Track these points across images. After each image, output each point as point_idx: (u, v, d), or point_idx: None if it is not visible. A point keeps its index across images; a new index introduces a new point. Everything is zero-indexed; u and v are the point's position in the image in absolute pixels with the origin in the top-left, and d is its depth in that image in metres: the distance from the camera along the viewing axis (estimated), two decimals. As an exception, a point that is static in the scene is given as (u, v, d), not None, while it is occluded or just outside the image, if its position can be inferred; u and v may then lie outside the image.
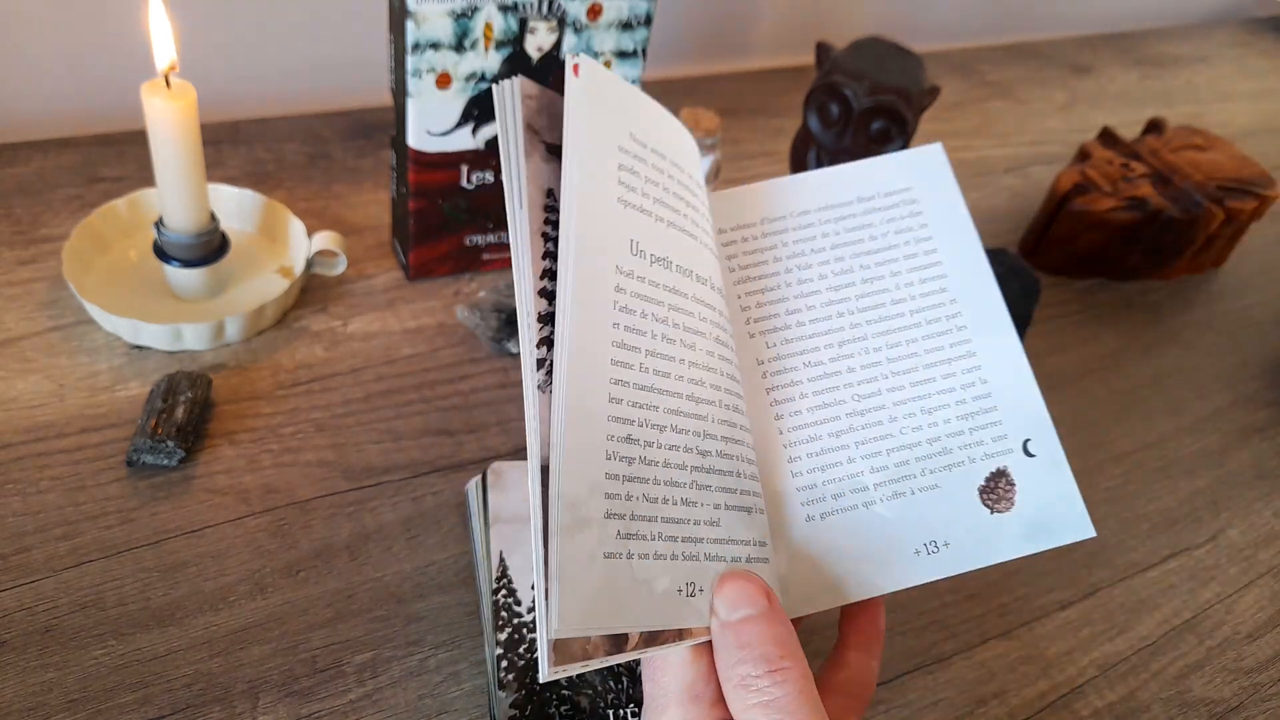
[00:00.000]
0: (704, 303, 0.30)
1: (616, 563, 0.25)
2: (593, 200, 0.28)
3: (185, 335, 0.50)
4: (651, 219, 0.29)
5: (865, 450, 0.32)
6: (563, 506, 0.25)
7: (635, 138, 0.30)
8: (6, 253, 0.54)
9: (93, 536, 0.42)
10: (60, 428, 0.46)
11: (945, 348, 0.33)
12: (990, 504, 0.32)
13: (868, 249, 0.35)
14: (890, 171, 0.36)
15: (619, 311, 0.27)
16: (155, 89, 0.45)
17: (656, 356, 0.28)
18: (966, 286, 0.34)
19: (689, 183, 0.32)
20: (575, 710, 0.37)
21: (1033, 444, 0.32)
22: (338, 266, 0.57)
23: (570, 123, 0.28)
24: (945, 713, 0.43)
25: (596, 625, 0.24)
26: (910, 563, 0.31)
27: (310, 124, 0.70)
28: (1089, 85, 1.01)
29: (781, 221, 0.35)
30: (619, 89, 0.30)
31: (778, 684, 0.25)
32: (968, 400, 0.33)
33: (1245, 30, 1.24)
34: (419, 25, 0.47)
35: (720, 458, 0.29)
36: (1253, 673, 0.47)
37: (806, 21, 0.95)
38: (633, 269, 0.28)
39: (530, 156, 0.28)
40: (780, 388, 0.33)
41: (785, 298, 0.34)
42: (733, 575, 0.27)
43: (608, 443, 0.26)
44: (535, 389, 0.26)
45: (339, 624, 0.41)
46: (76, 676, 0.37)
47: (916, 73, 0.60)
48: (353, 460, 0.47)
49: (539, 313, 0.27)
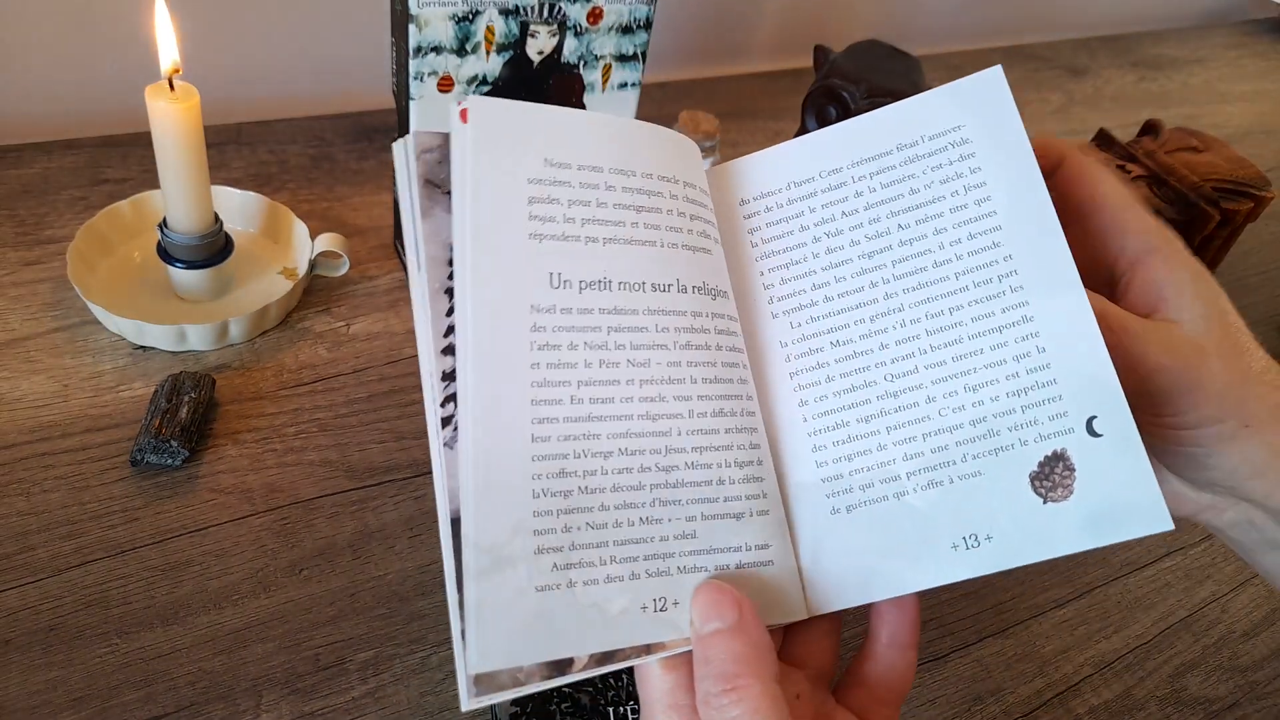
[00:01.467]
0: (664, 311, 0.29)
1: (553, 593, 0.26)
2: (493, 244, 0.28)
3: (189, 336, 0.50)
4: (581, 243, 0.29)
5: (898, 436, 0.30)
6: (477, 552, 0.26)
7: (552, 162, 0.29)
8: (11, 254, 0.55)
9: (97, 536, 0.42)
10: (65, 427, 0.46)
11: (996, 314, 0.29)
12: (1044, 492, 0.28)
13: (907, 205, 0.31)
14: (938, 109, 0.31)
15: (538, 350, 0.27)
16: (159, 91, 0.46)
17: (594, 385, 0.28)
18: (1025, 239, 0.29)
19: (646, 185, 0.30)
20: (576, 707, 0.37)
21: (1099, 422, 0.28)
22: (341, 268, 0.57)
23: (458, 172, 0.28)
24: (942, 710, 0.43)
25: (525, 657, 0.25)
26: (946, 558, 0.28)
27: (313, 126, 0.70)
28: (1085, 87, 1.01)
29: (810, 184, 0.32)
30: (524, 118, 0.29)
31: (734, 703, 0.25)
32: (1021, 374, 0.29)
33: (1241, 32, 1.25)
34: (421, 29, 0.47)
35: (692, 469, 0.29)
36: (1248, 671, 0.47)
37: (805, 25, 0.95)
38: (554, 303, 0.28)
39: (430, 214, 0.28)
40: (804, 371, 0.31)
41: (812, 271, 0.31)
42: (706, 587, 0.27)
43: (533, 482, 0.26)
44: (442, 447, 0.26)
45: (342, 622, 0.41)
46: (81, 675, 0.38)
47: (914, 75, 0.61)
48: (356, 459, 0.48)
49: (443, 371, 0.27)
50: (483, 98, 0.29)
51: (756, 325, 0.32)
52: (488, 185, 0.28)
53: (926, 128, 0.31)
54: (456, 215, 0.28)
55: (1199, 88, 1.08)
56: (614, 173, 0.30)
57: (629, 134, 0.31)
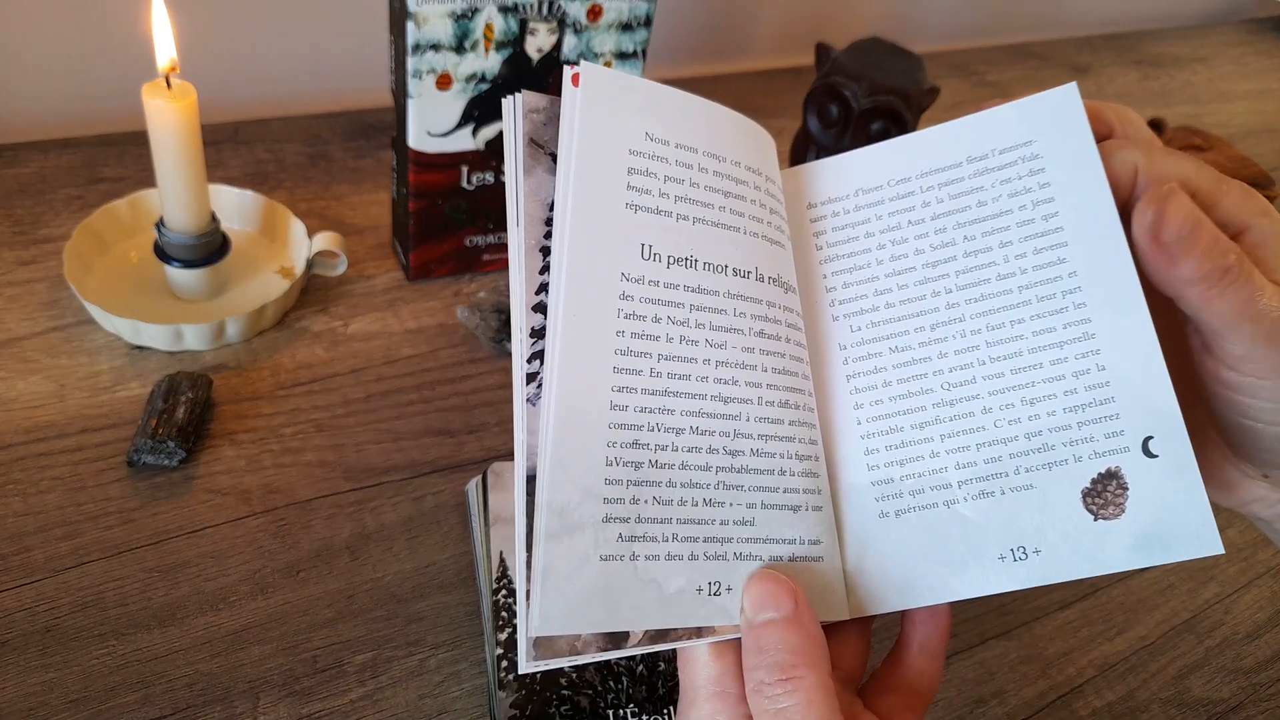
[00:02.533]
0: (743, 297, 0.30)
1: (616, 564, 0.26)
2: (592, 210, 0.28)
3: (186, 336, 0.50)
4: (672, 219, 0.29)
5: (951, 444, 0.30)
6: (549, 514, 0.25)
7: (653, 136, 0.29)
8: (7, 253, 0.54)
9: (93, 537, 0.42)
10: (61, 428, 0.46)
11: (1058, 329, 0.29)
12: (1095, 509, 0.28)
13: (974, 217, 0.31)
14: (1009, 123, 0.31)
15: (624, 319, 0.27)
16: (156, 89, 0.45)
17: (674, 360, 0.28)
18: (1092, 256, 0.29)
19: (734, 172, 0.31)
20: (575, 710, 0.37)
21: (1155, 443, 0.28)
22: (338, 267, 0.57)
23: (565, 135, 0.28)
24: (944, 712, 0.43)
25: (584, 625, 0.25)
26: (992, 569, 0.29)
27: (311, 125, 0.70)
28: (1088, 86, 1.01)
29: (877, 192, 0.32)
30: (631, 90, 0.29)
31: (788, 693, 0.24)
32: (1079, 390, 0.29)
33: (1244, 30, 1.24)
34: (419, 26, 0.47)
35: (757, 456, 0.29)
36: (1251, 673, 0.47)
37: (806, 22, 0.95)
38: (643, 274, 0.28)
39: (531, 172, 0.28)
40: (861, 375, 0.31)
41: (875, 277, 0.32)
42: (761, 575, 0.27)
43: (608, 449, 0.26)
44: (525, 402, 0.27)
45: (339, 624, 0.41)
46: (77, 676, 0.37)
47: (916, 73, 0.61)
48: (353, 460, 0.47)
49: (533, 328, 0.27)
50: (595, 65, 0.29)
51: (817, 326, 0.32)
52: (592, 150, 0.28)
53: (998, 141, 0.31)
54: (560, 176, 0.28)
55: (1202, 86, 1.08)
56: (707, 155, 0.30)
57: (723, 120, 0.31)
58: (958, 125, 0.32)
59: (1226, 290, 0.26)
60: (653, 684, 0.38)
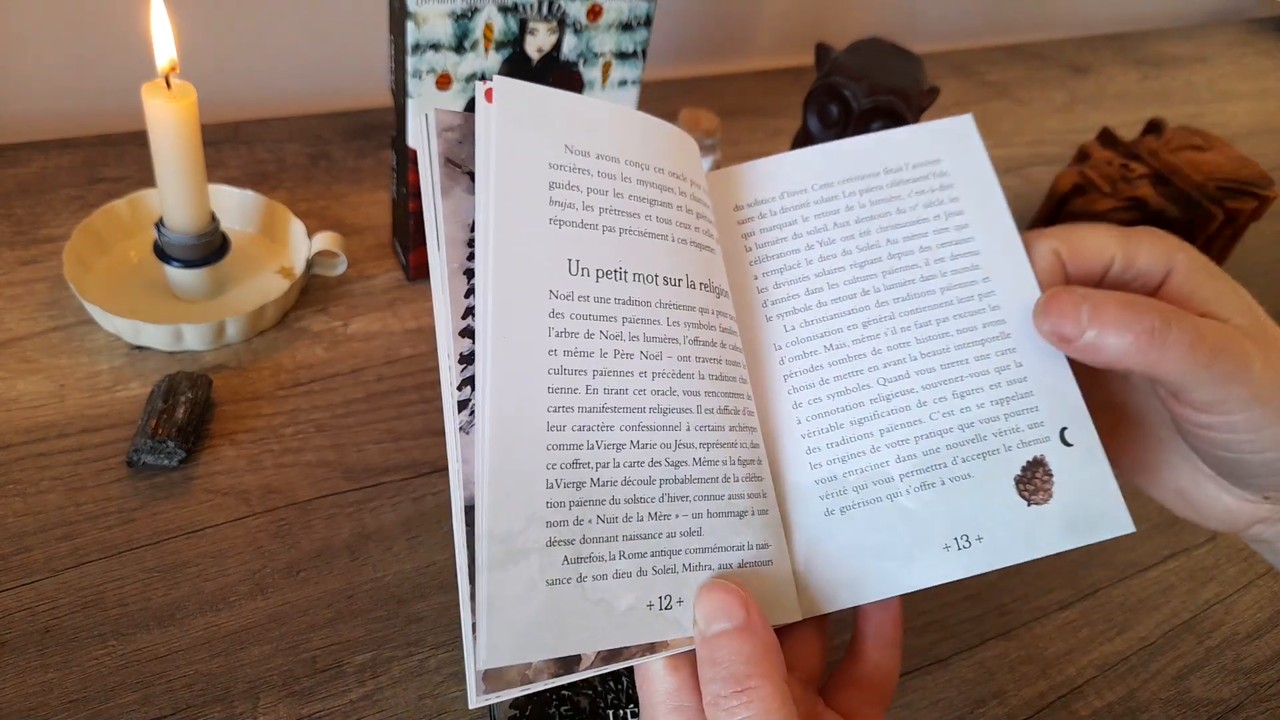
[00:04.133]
0: (675, 305, 0.29)
1: (563, 588, 0.25)
2: (515, 227, 0.27)
3: (186, 336, 0.50)
4: (598, 231, 0.28)
5: (891, 439, 0.30)
6: (491, 542, 0.25)
7: (573, 149, 0.29)
8: (7, 253, 0.54)
9: (93, 537, 0.42)
10: (61, 428, 0.46)
11: (978, 328, 0.31)
12: (1027, 495, 0.30)
13: (895, 222, 0.32)
14: (918, 142, 0.33)
15: (555, 337, 0.27)
16: (156, 89, 0.45)
17: (609, 375, 0.27)
18: (1000, 264, 0.32)
19: (658, 179, 0.30)
20: (575, 710, 0.37)
21: (1070, 432, 0.30)
22: (338, 267, 0.57)
23: (482, 152, 0.28)
24: (945, 713, 0.43)
25: (534, 653, 0.25)
26: (938, 558, 0.29)
27: (311, 124, 0.70)
28: (1088, 86, 1.01)
29: (802, 195, 0.33)
30: (548, 102, 0.29)
31: (745, 704, 0.24)
32: (1003, 384, 0.30)
33: (1244, 30, 1.24)
34: (419, 26, 0.47)
35: (700, 465, 0.28)
36: (1252, 673, 0.47)
37: (806, 22, 0.95)
38: (572, 290, 0.28)
39: (449, 193, 0.28)
40: (799, 374, 0.31)
41: (806, 276, 0.32)
42: (711, 586, 0.27)
43: (548, 471, 0.26)
44: (457, 430, 0.26)
45: (339, 624, 0.41)
46: (77, 677, 0.37)
47: (916, 73, 0.61)
48: (353, 460, 0.47)
49: (460, 353, 0.27)
50: (509, 79, 0.28)
51: (752, 328, 0.32)
52: (511, 166, 0.28)
53: (910, 156, 0.33)
54: (479, 195, 0.27)
55: (1202, 86, 1.08)
56: (629, 164, 0.30)
57: (643, 126, 0.31)
58: (870, 139, 0.34)
59: (1166, 348, 0.27)
60: (652, 684, 0.38)
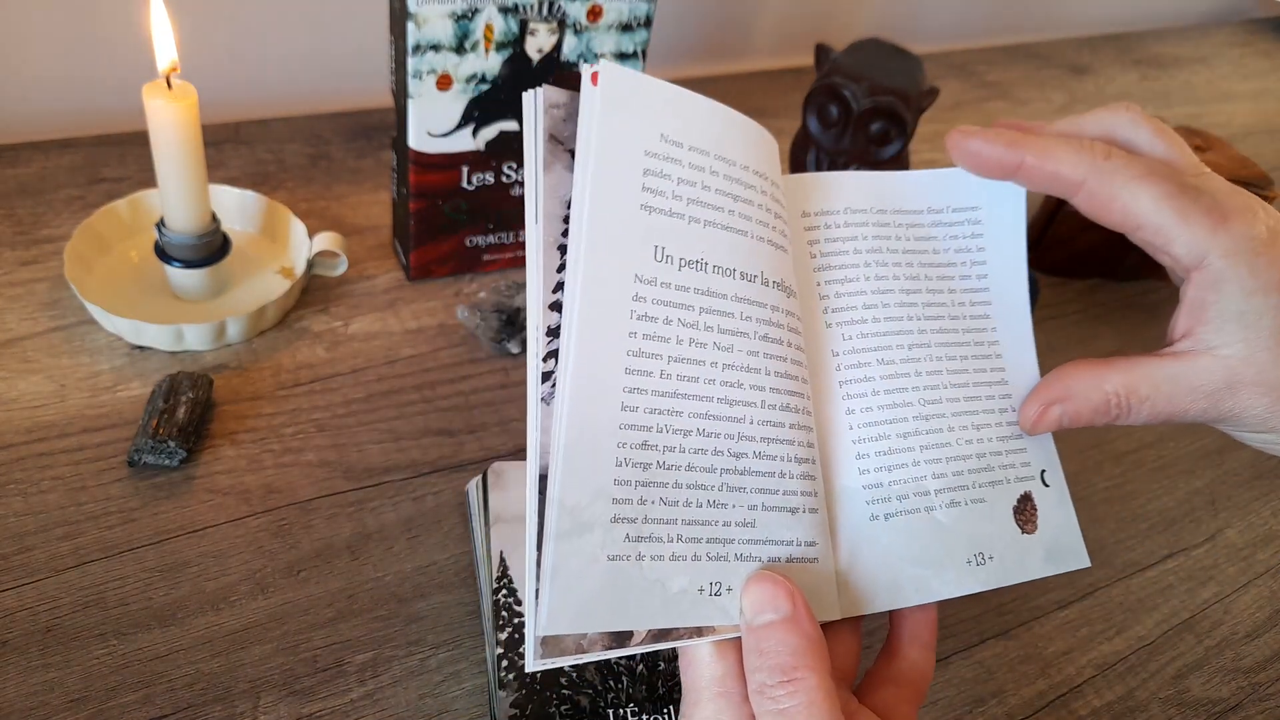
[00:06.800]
0: (749, 300, 0.30)
1: (622, 564, 0.26)
2: (608, 209, 0.28)
3: (186, 336, 0.50)
4: (684, 221, 0.29)
5: (929, 455, 0.32)
6: (561, 512, 0.26)
7: (668, 138, 0.29)
8: (8, 253, 0.55)
9: (94, 536, 0.42)
10: (62, 428, 0.46)
11: (987, 370, 0.34)
12: (1021, 524, 0.33)
13: (931, 261, 0.35)
14: (965, 187, 0.35)
15: (637, 320, 0.28)
16: (156, 90, 0.45)
17: (683, 362, 0.28)
18: (1006, 320, 0.35)
19: (743, 176, 0.31)
20: (576, 710, 0.37)
21: (1048, 475, 0.34)
22: (339, 267, 0.57)
23: (584, 133, 0.28)
24: (943, 712, 0.43)
25: (591, 624, 0.25)
26: (963, 571, 0.31)
27: (311, 125, 0.70)
28: (1087, 86, 1.01)
29: (863, 214, 0.35)
30: (648, 90, 0.29)
31: (790, 694, 0.25)
32: (1004, 424, 0.34)
33: (1244, 31, 1.25)
34: (419, 27, 0.47)
35: (759, 459, 0.29)
36: (1251, 672, 0.47)
37: (805, 23, 0.95)
38: (655, 275, 0.28)
39: (551, 168, 0.28)
40: (853, 382, 0.32)
41: (863, 291, 0.34)
42: (760, 577, 0.27)
43: (618, 450, 0.27)
44: (539, 401, 0.27)
45: (340, 624, 0.41)
46: (78, 676, 0.37)
47: (915, 74, 0.61)
48: (354, 460, 0.48)
49: (549, 326, 0.27)
50: (614, 64, 0.29)
51: (813, 331, 0.33)
52: (610, 150, 0.28)
53: (953, 200, 0.35)
54: (578, 175, 0.28)
55: (1202, 87, 1.08)
56: (718, 158, 0.30)
57: (732, 123, 0.31)
58: (922, 176, 0.36)
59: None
60: (653, 683, 0.38)
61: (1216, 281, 0.29)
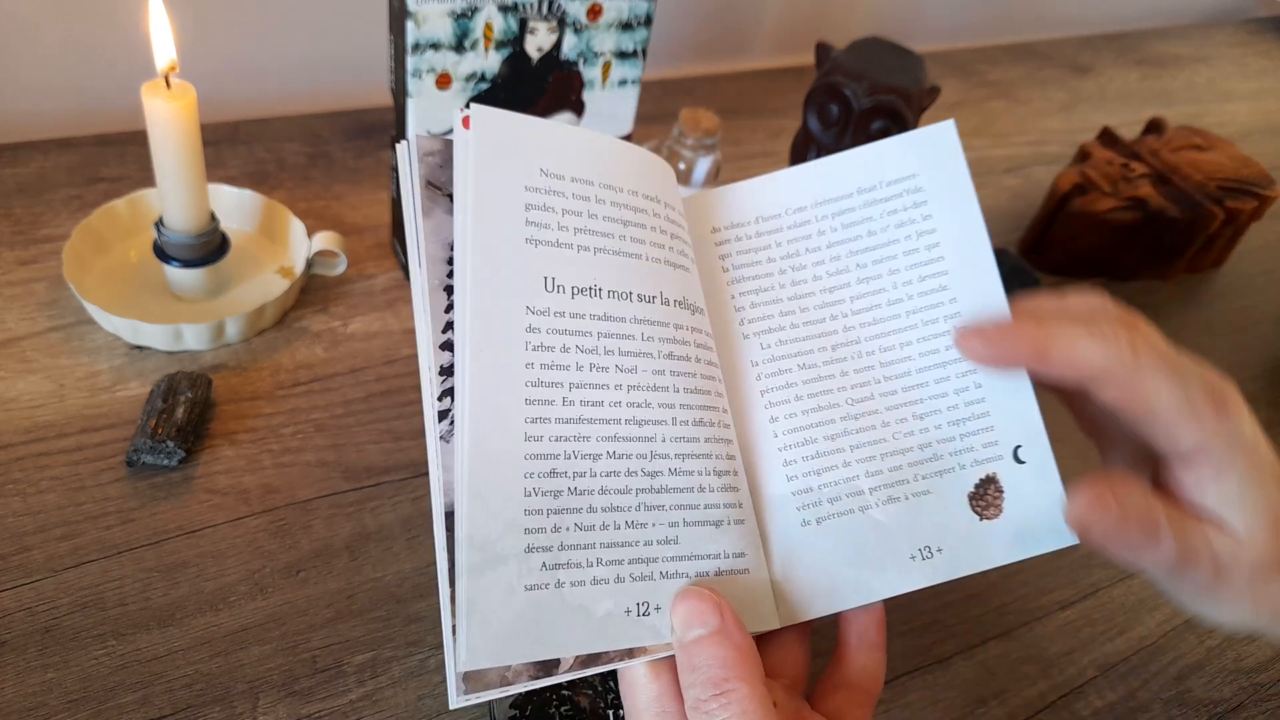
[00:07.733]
0: (649, 321, 0.30)
1: (541, 593, 0.26)
2: (492, 245, 0.28)
3: (185, 335, 0.50)
4: (573, 250, 0.30)
5: (860, 454, 0.32)
6: (469, 548, 0.26)
7: (548, 172, 0.30)
8: (7, 253, 0.54)
9: (93, 536, 0.42)
10: (60, 428, 0.46)
11: (941, 350, 0.32)
12: (979, 510, 0.31)
13: (865, 245, 0.33)
14: (895, 156, 0.34)
15: (533, 351, 0.28)
16: (155, 89, 0.45)
17: (585, 388, 0.28)
18: (969, 284, 0.32)
19: (632, 201, 0.31)
20: (575, 710, 0.37)
21: (1024, 450, 0.32)
22: (338, 266, 0.57)
23: (460, 176, 0.29)
24: (945, 713, 0.43)
25: (513, 656, 0.26)
26: (905, 568, 0.31)
27: (310, 124, 0.70)
28: (1089, 85, 1.01)
29: (776, 220, 0.34)
30: (522, 129, 0.30)
31: (723, 706, 0.25)
32: (960, 405, 0.32)
33: (1245, 30, 1.24)
34: (419, 25, 0.47)
35: (675, 475, 0.29)
36: (1252, 673, 0.47)
37: (806, 22, 0.95)
38: (548, 305, 0.29)
39: (430, 214, 0.29)
40: (775, 390, 0.32)
41: (779, 299, 0.33)
42: (686, 593, 0.27)
43: (526, 480, 0.27)
44: (438, 439, 0.27)
45: (339, 624, 0.41)
46: (77, 676, 0.37)
47: (916, 73, 0.60)
48: (353, 460, 0.47)
49: (441, 366, 0.28)
50: (484, 107, 0.30)
51: (730, 344, 0.33)
52: (488, 190, 0.29)
53: (885, 173, 0.34)
54: (458, 217, 0.29)
55: (1203, 86, 1.08)
56: (603, 187, 0.31)
57: (616, 152, 0.32)
58: (849, 156, 0.34)
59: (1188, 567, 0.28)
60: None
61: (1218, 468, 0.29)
